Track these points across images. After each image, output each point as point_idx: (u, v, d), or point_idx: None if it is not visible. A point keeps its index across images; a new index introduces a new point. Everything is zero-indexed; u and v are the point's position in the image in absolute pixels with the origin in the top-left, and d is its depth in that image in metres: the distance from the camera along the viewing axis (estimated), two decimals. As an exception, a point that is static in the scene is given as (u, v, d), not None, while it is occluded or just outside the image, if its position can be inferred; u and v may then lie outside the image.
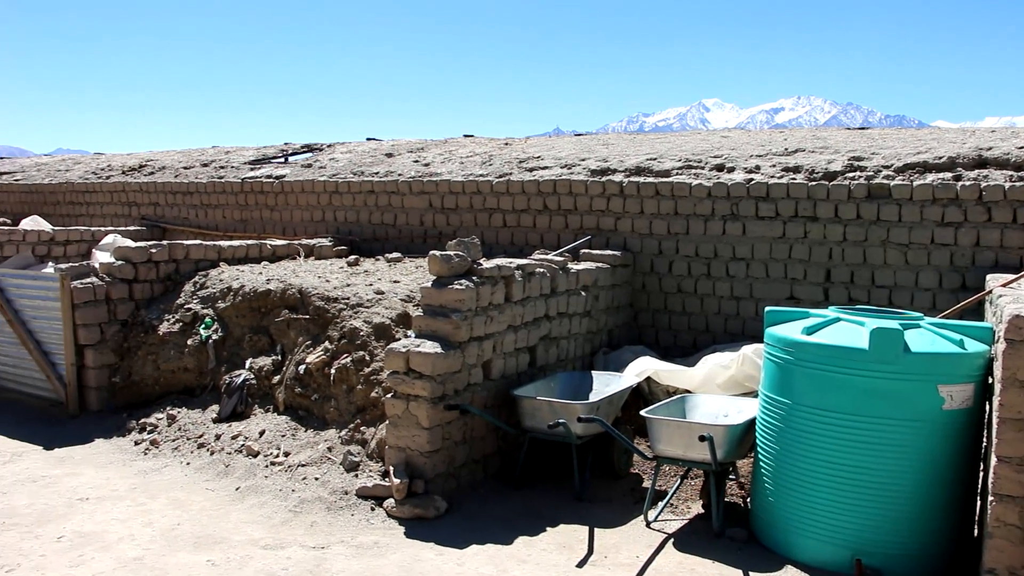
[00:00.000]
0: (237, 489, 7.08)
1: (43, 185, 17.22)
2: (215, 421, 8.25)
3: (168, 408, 8.70)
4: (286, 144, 16.48)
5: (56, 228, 13.27)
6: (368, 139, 15.62)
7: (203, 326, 8.94)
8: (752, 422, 6.34)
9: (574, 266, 8.76)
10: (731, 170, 9.67)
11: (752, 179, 9.34)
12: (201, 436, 8.09)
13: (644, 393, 8.09)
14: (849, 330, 5.69)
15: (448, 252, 7.04)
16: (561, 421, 6.66)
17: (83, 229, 13.19)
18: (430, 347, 6.68)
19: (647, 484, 7.20)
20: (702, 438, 6.02)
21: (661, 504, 6.70)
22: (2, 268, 10.31)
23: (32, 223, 14.11)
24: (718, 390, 7.61)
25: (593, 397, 7.54)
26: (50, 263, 11.74)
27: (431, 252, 7.08)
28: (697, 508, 6.73)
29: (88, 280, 9.20)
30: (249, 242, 10.79)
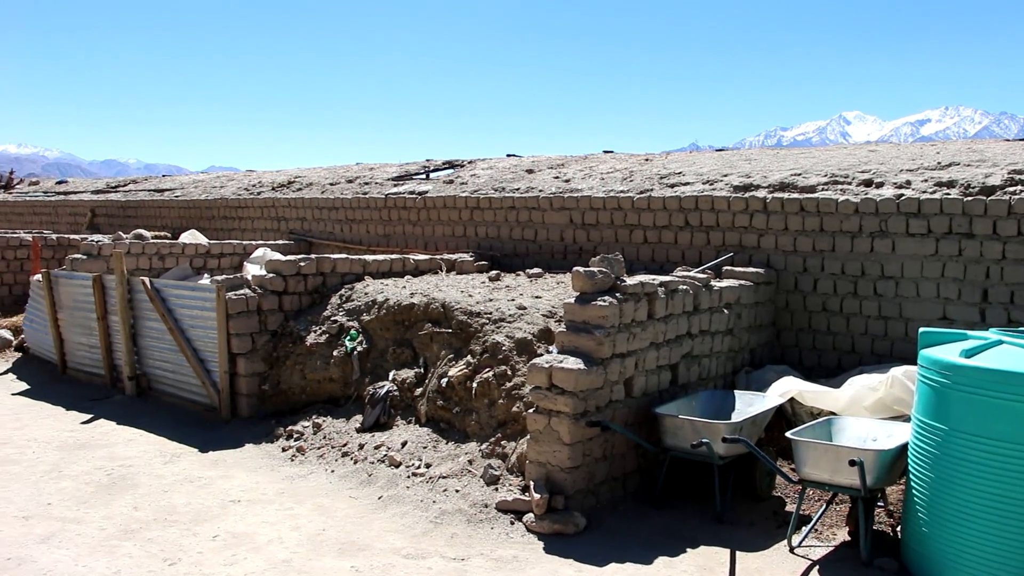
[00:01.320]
0: (379, 498, 7.22)
1: (200, 201, 18.07)
2: (359, 431, 8.45)
3: (314, 416, 8.96)
4: (428, 161, 16.81)
5: (212, 241, 13.89)
6: (508, 155, 15.78)
7: (348, 338, 9.19)
8: (903, 447, 6.08)
9: (717, 283, 8.62)
10: (880, 185, 9.34)
11: (902, 194, 8.99)
12: (345, 445, 8.29)
13: (787, 414, 7.87)
14: (1013, 353, 5.40)
15: (592, 268, 7.03)
16: (704, 441, 6.55)
17: (236, 243, 13.76)
18: (573, 363, 6.68)
19: (790, 508, 7.01)
20: (852, 463, 5.81)
21: (806, 529, 6.49)
22: (163, 279, 10.86)
23: (190, 237, 14.81)
24: (865, 413, 7.33)
25: (736, 417, 7.38)
26: (205, 275, 12.31)
27: (575, 268, 7.09)
28: (843, 535, 6.49)
29: (241, 292, 9.58)
30: (393, 256, 11.04)
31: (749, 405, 7.55)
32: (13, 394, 11.12)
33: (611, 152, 14.45)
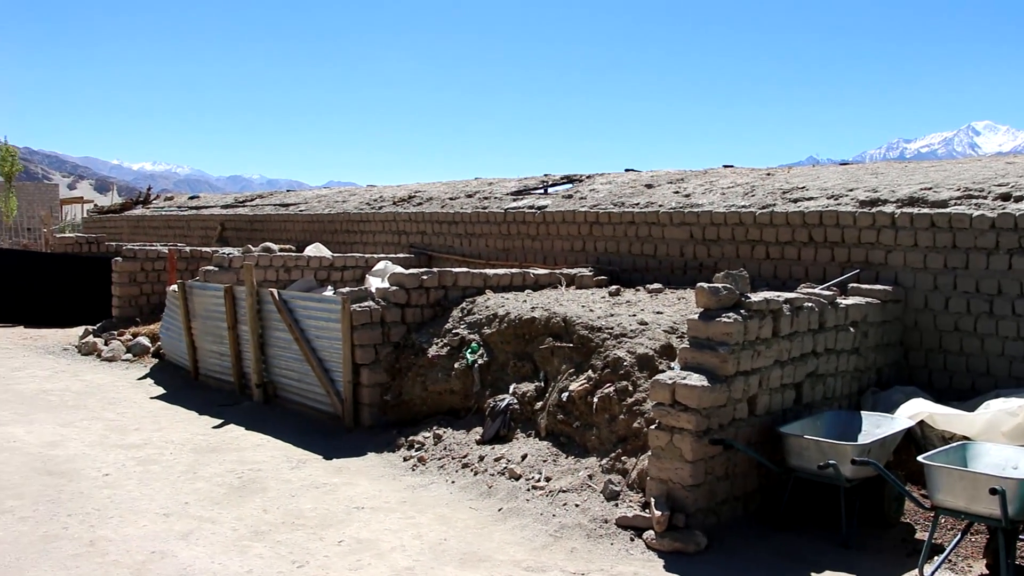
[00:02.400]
0: (499, 510, 7.29)
1: (323, 215, 18.60)
2: (479, 443, 8.55)
3: (435, 428, 9.10)
4: (546, 175, 16.91)
5: (335, 255, 14.28)
6: (626, 170, 15.76)
7: (469, 350, 9.32)
8: (1049, 477, 5.81)
9: (843, 301, 8.42)
10: (1019, 199, 8.97)
11: (1045, 211, 8.63)
12: (465, 456, 8.40)
13: (916, 438, 7.62)
14: None
15: (716, 284, 6.98)
16: (831, 462, 6.40)
17: (358, 256, 14.12)
18: (696, 380, 6.63)
19: (920, 535, 6.78)
20: (993, 491, 5.58)
21: (938, 559, 6.24)
22: (290, 291, 11.22)
23: (314, 250, 15.25)
24: (1003, 439, 7.03)
25: (864, 438, 7.19)
26: (329, 287, 12.66)
27: (699, 284, 7.04)
28: (980, 568, 6.23)
29: (366, 304, 9.82)
30: (513, 271, 11.15)
31: (877, 427, 7.35)
32: (151, 398, 11.66)
33: (731, 166, 14.29)
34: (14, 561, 6.06)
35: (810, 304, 7.75)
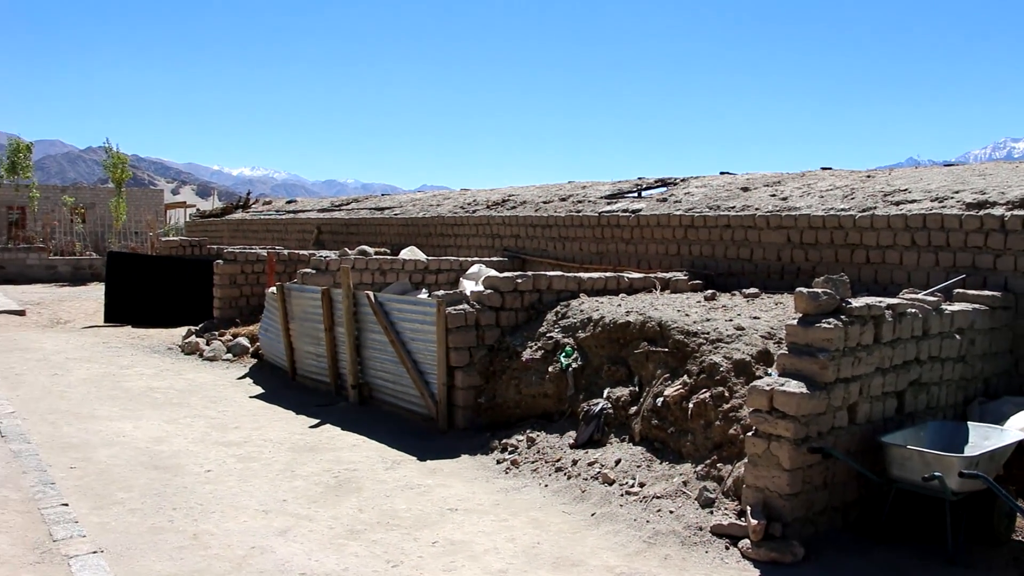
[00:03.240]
0: (592, 515, 7.25)
1: (417, 218, 18.82)
2: (572, 447, 8.53)
3: (528, 431, 9.11)
4: (640, 179, 16.81)
5: (430, 258, 14.43)
6: (721, 173, 15.56)
7: (563, 354, 9.31)
8: None
9: (948, 307, 8.15)
10: None
11: None
12: (559, 460, 8.39)
13: (1029, 450, 7.33)
14: None
15: (815, 289, 6.83)
16: (936, 474, 6.20)
17: (452, 259, 14.24)
18: (795, 386, 6.50)
19: (1035, 554, 6.51)
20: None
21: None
22: (385, 293, 11.37)
23: (409, 253, 15.45)
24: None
25: (971, 450, 6.94)
26: (424, 290, 12.80)
27: (798, 289, 6.90)
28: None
29: (461, 307, 9.90)
30: (607, 274, 11.11)
31: (985, 439, 7.09)
32: (250, 397, 11.96)
33: (829, 168, 13.98)
34: (125, 550, 6.28)
35: (913, 310, 7.52)
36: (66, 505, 7.03)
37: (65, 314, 21.33)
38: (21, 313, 20.90)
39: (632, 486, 7.56)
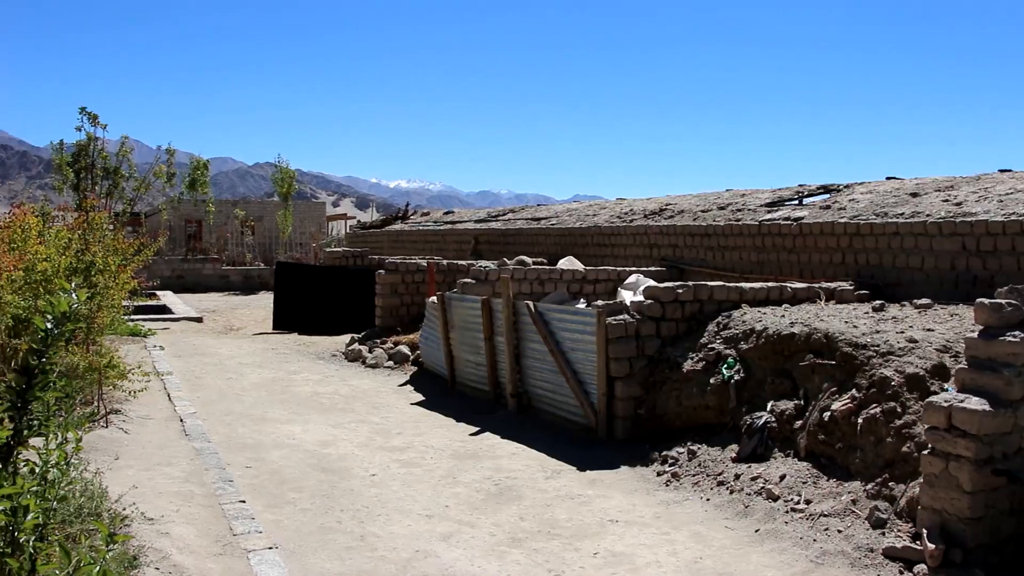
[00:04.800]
0: (756, 531, 7.07)
1: (574, 228, 18.87)
2: (734, 460, 8.35)
3: (688, 443, 8.98)
4: (801, 186, 16.36)
5: (587, 268, 14.44)
6: (888, 178, 14.96)
7: (725, 366, 9.13)
8: None
9: None
10: None
11: None
12: (720, 474, 8.23)
13: None
14: None
15: (998, 300, 6.46)
16: None
17: (610, 269, 14.21)
18: (976, 403, 6.16)
19: None
20: None
21: None
22: (544, 303, 11.45)
23: (567, 263, 15.50)
24: None
25: None
26: (582, 300, 12.81)
27: (978, 300, 6.54)
28: None
29: (621, 317, 9.86)
30: (769, 284, 10.85)
31: None
32: (411, 404, 12.25)
33: (1009, 171, 13.23)
34: (297, 548, 6.54)
35: (1109, 324, 7.01)
36: (243, 502, 7.37)
37: (237, 321, 22.45)
38: (199, 320, 22.12)
39: (797, 503, 7.33)
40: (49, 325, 3.30)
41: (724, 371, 9.10)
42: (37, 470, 3.24)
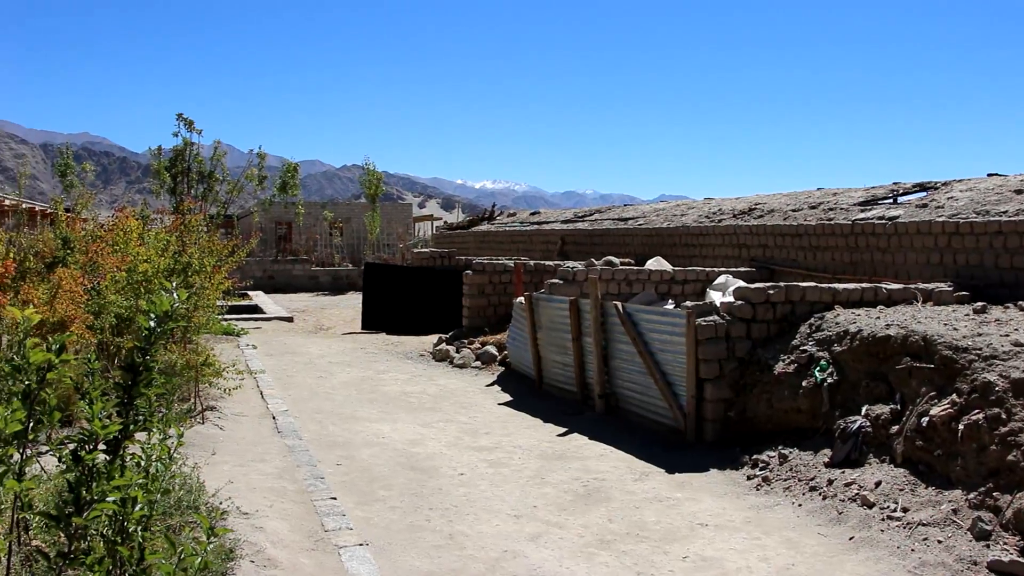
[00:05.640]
0: (851, 539, 6.90)
1: (661, 229, 18.70)
2: (827, 465, 8.17)
3: (780, 447, 8.82)
4: (895, 184, 15.93)
5: (675, 268, 14.30)
6: (989, 175, 14.47)
7: (818, 369, 8.94)
8: None
9: None
10: None
11: None
12: (812, 479, 8.06)
13: None
14: None
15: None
16: None
17: (698, 269, 14.04)
18: (1087, 410, 5.91)
19: None
20: None
21: None
22: (632, 303, 11.37)
23: (655, 264, 15.38)
24: None
25: None
26: (669, 301, 12.68)
27: (1088, 303, 6.29)
28: None
29: (711, 318, 9.73)
30: (863, 285, 10.58)
31: None
32: (499, 404, 12.29)
33: (1121, 171, 12.67)
34: (386, 545, 6.62)
35: None
36: (335, 499, 7.48)
37: (327, 321, 22.83)
38: (289, 319, 22.57)
39: (894, 510, 7.13)
40: (152, 324, 3.39)
41: (817, 374, 8.91)
42: (142, 463, 3.33)
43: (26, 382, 2.88)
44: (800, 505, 7.72)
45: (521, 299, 13.64)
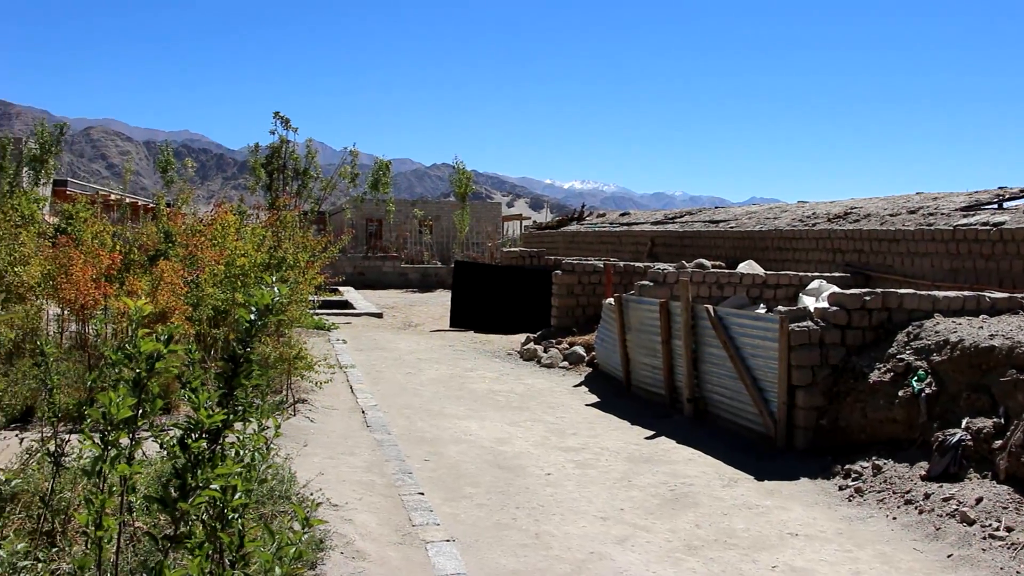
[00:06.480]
0: (948, 556, 6.68)
1: (753, 232, 18.42)
2: (923, 479, 7.93)
3: (873, 458, 8.60)
4: (1001, 188, 15.40)
5: (767, 272, 14.06)
6: (1104, 183, 13.88)
7: (915, 378, 8.69)
8: None
9: None
10: None
11: None
12: (908, 492, 7.83)
13: None
14: None
15: None
16: None
17: (791, 274, 13.78)
18: None
19: None
20: None
21: None
22: (723, 307, 11.21)
23: (747, 267, 15.16)
24: None
25: None
26: (761, 305, 12.48)
27: None
28: None
29: (804, 324, 9.54)
30: (965, 293, 10.24)
31: None
32: (586, 405, 12.26)
33: None
34: (473, 542, 6.65)
35: None
36: (422, 494, 7.56)
37: (415, 317, 23.09)
38: (379, 315, 22.89)
39: (996, 529, 6.88)
40: (253, 317, 3.46)
41: (914, 383, 8.65)
42: (240, 453, 3.41)
43: (136, 370, 2.98)
44: (894, 518, 7.51)
45: (611, 300, 13.58)
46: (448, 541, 6.45)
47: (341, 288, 29.48)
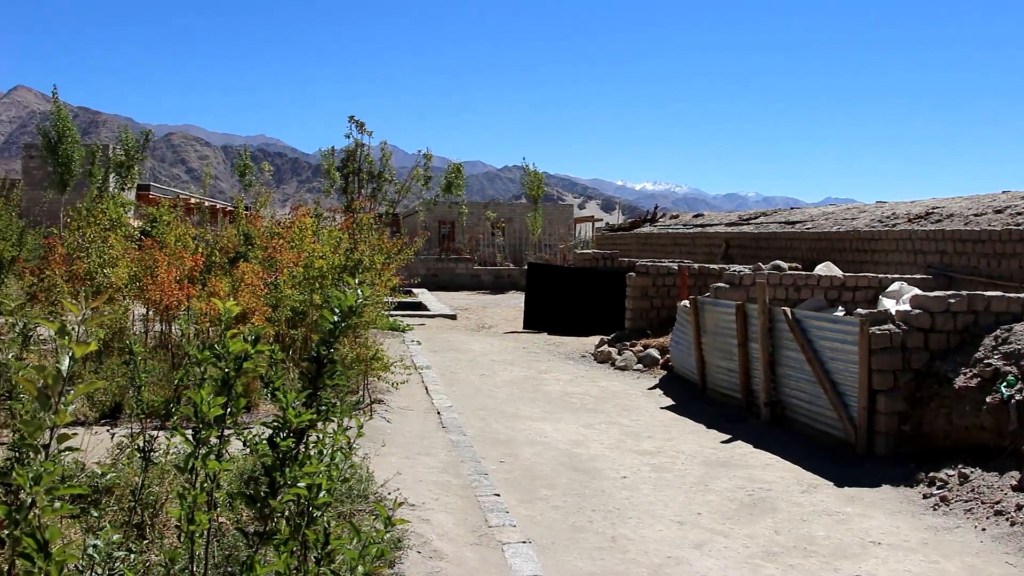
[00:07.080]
0: (1044, 570, 6.48)
1: (830, 233, 18.10)
2: (1015, 489, 7.68)
3: (959, 466, 8.36)
4: (1094, 190, 14.89)
5: (846, 274, 13.80)
6: None
7: (1005, 384, 8.43)
8: None
9: None
10: None
11: None
12: (998, 502, 7.60)
13: None
14: None
15: None
16: None
17: (871, 276, 13.51)
18: None
19: None
20: None
21: None
22: (800, 310, 11.03)
23: (825, 269, 14.89)
24: None
25: None
26: (839, 307, 12.24)
27: None
28: None
29: (885, 327, 9.34)
30: (1058, 297, 9.92)
31: None
32: (661, 408, 12.17)
33: None
34: (549, 544, 6.65)
35: None
36: (498, 495, 7.58)
37: (489, 319, 23.18)
38: (453, 317, 23.04)
39: (1095, 542, 6.65)
40: (336, 318, 3.51)
41: (1003, 390, 8.40)
42: (324, 452, 3.46)
43: (225, 369, 3.05)
44: (983, 530, 7.29)
45: (686, 303, 13.46)
46: (524, 543, 6.46)
47: (415, 290, 29.75)
